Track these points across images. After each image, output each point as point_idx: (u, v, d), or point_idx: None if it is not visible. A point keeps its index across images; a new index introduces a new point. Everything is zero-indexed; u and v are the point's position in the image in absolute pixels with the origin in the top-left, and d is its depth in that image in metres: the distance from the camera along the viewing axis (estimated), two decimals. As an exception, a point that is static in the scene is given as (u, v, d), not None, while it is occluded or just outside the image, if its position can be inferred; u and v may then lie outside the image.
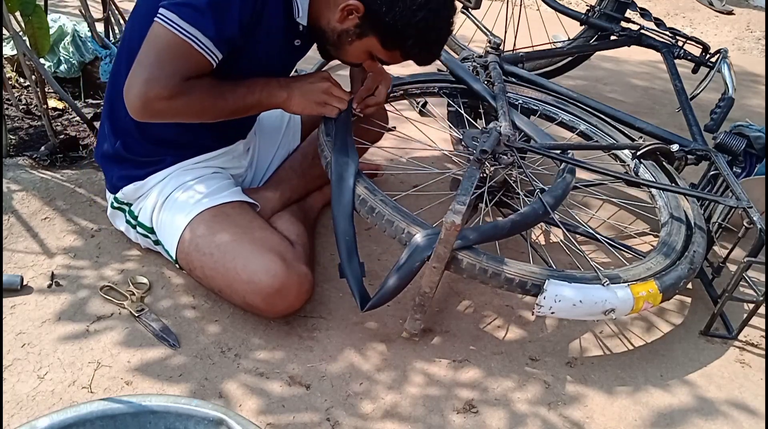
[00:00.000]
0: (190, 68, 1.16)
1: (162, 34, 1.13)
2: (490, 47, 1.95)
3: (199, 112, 1.23)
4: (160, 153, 1.36)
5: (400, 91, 1.72)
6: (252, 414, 1.11)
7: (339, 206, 1.25)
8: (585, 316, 1.22)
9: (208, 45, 1.14)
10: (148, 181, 1.36)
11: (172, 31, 1.12)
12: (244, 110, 1.30)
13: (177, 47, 1.13)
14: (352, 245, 1.23)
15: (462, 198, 1.20)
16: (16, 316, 1.24)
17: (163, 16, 1.12)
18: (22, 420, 1.04)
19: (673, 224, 1.47)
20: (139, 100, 1.14)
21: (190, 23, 1.12)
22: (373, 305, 1.22)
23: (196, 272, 1.30)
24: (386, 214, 1.22)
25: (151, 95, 1.14)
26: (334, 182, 1.28)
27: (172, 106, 1.17)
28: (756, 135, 1.78)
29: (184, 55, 1.14)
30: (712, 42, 3.84)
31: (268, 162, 1.60)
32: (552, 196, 1.33)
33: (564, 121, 1.84)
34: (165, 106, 1.16)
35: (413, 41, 1.22)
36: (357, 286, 1.22)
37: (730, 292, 1.37)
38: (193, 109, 1.21)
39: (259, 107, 1.33)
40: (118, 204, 1.41)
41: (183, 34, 1.12)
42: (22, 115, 1.89)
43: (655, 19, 2.15)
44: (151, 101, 1.14)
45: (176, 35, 1.12)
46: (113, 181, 1.40)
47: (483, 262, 1.17)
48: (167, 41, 1.13)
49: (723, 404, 1.26)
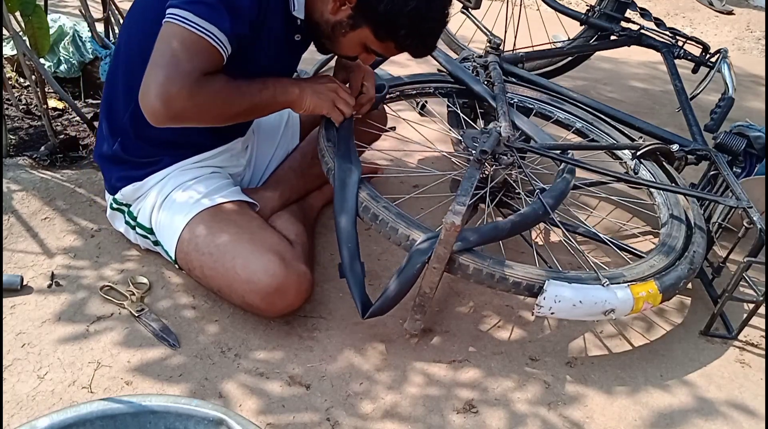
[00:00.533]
0: (206, 65, 1.15)
1: (177, 33, 1.12)
2: (489, 47, 1.95)
3: (219, 110, 1.21)
4: (157, 154, 1.36)
5: (396, 92, 1.72)
6: (252, 414, 1.11)
7: (342, 213, 1.25)
8: (585, 316, 1.22)
9: (223, 40, 1.14)
10: (146, 181, 1.36)
11: (188, 28, 1.11)
12: (260, 108, 1.29)
13: (194, 44, 1.12)
14: (355, 252, 1.22)
15: (462, 199, 1.20)
16: (16, 316, 1.24)
17: (175, 15, 1.12)
18: (22, 420, 1.04)
19: (673, 224, 1.47)
20: (159, 101, 1.11)
21: (205, 19, 1.11)
22: (375, 312, 1.21)
23: (195, 272, 1.30)
24: (390, 221, 1.22)
25: (171, 94, 1.11)
26: (337, 188, 1.28)
27: (194, 105, 1.14)
28: (756, 135, 1.78)
29: (202, 51, 1.13)
30: (712, 42, 3.84)
31: (266, 162, 1.60)
32: (552, 196, 1.33)
33: (560, 119, 1.83)
34: (185, 106, 1.13)
35: (406, 31, 1.22)
36: (359, 293, 1.21)
37: (730, 292, 1.37)
38: (213, 107, 1.19)
39: (273, 104, 1.31)
40: (117, 205, 1.42)
41: (199, 31, 1.11)
42: (22, 115, 1.89)
43: (655, 19, 2.15)
44: (173, 101, 1.11)
45: (192, 32, 1.11)
46: (112, 182, 1.40)
47: (483, 264, 1.17)
48: (183, 39, 1.12)
49: (723, 404, 1.26)
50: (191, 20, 1.11)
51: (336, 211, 1.26)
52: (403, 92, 1.73)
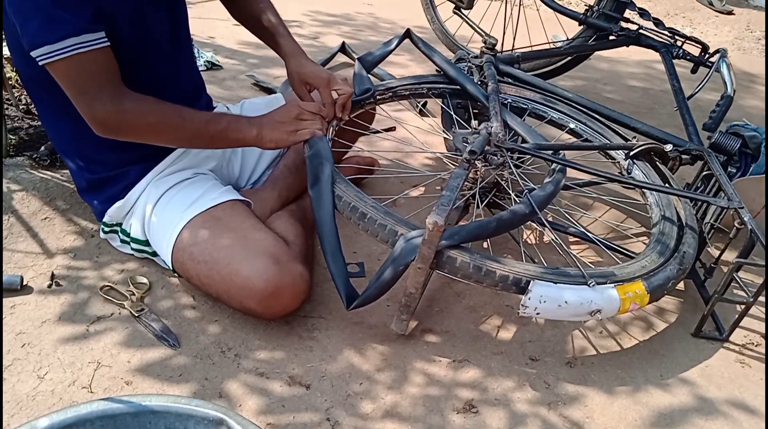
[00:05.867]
0: (101, 69, 1.15)
1: (58, 68, 1.12)
2: (485, 47, 1.95)
3: (157, 125, 1.23)
4: (122, 164, 1.36)
5: (389, 93, 1.71)
6: (252, 414, 1.11)
7: (320, 208, 1.25)
8: (571, 316, 1.21)
9: (88, 38, 1.12)
10: (128, 197, 1.36)
11: (60, 58, 1.10)
12: (208, 139, 1.30)
13: (76, 66, 1.12)
14: (336, 246, 1.23)
15: (446, 198, 1.20)
16: (16, 316, 1.24)
17: (40, 55, 1.10)
18: (22, 420, 1.04)
19: (664, 224, 1.46)
20: (96, 124, 1.19)
21: (59, 39, 1.09)
22: (359, 304, 1.21)
23: (193, 280, 1.30)
24: (369, 213, 1.22)
25: (99, 116, 1.18)
26: (310, 184, 1.28)
27: (126, 118, 1.20)
28: (751, 134, 1.77)
29: (85, 66, 1.13)
30: (712, 42, 3.85)
31: (255, 158, 1.58)
32: (540, 195, 1.32)
33: (553, 119, 1.83)
34: (119, 119, 1.19)
35: None
36: (343, 285, 1.22)
37: (720, 293, 1.37)
38: (148, 120, 1.22)
39: (225, 140, 1.32)
40: (108, 227, 1.42)
41: (67, 52, 1.10)
42: (22, 115, 1.89)
43: (654, 19, 2.15)
44: (105, 119, 1.18)
45: (64, 59, 1.10)
46: (99, 209, 1.40)
47: (469, 261, 1.17)
48: (67, 70, 1.12)
49: (723, 404, 1.27)
50: (55, 50, 1.09)
51: (314, 207, 1.26)
52: (396, 93, 1.73)
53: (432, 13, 2.84)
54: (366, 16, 3.65)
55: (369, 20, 3.57)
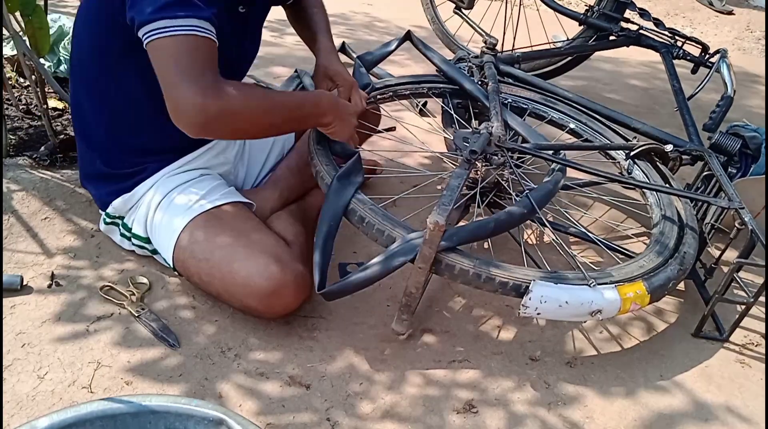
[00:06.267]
0: (209, 58, 1.11)
1: (167, 46, 1.07)
2: (485, 47, 1.95)
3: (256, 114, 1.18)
4: (142, 162, 1.35)
5: (389, 92, 1.71)
6: (252, 414, 1.11)
7: (330, 210, 1.26)
8: (571, 317, 1.21)
9: (207, 27, 1.10)
10: (135, 191, 1.36)
11: (173, 35, 1.07)
12: (296, 121, 1.30)
13: (187, 46, 1.08)
14: (333, 232, 1.24)
15: (447, 198, 1.20)
16: (16, 316, 1.24)
17: (153, 30, 1.07)
18: (22, 420, 1.04)
19: (664, 225, 1.46)
20: (195, 115, 1.08)
21: (182, 17, 1.07)
22: (332, 292, 1.19)
23: (193, 278, 1.30)
24: (376, 223, 1.22)
25: (200, 104, 1.07)
26: (338, 175, 1.29)
27: (228, 106, 1.10)
28: (751, 135, 1.77)
29: (197, 48, 1.09)
30: (712, 42, 3.85)
31: (262, 161, 1.59)
32: (539, 195, 1.32)
33: (554, 119, 1.83)
34: (220, 108, 1.09)
35: None
36: (321, 267, 1.20)
37: (721, 293, 1.37)
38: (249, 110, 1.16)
39: (304, 123, 1.35)
40: (110, 219, 1.41)
41: (184, 31, 1.07)
42: (22, 115, 1.89)
43: (654, 19, 2.15)
44: (206, 109, 1.07)
45: (179, 36, 1.07)
46: (102, 198, 1.40)
47: (468, 263, 1.17)
48: (176, 48, 1.07)
49: (723, 405, 1.27)
50: (171, 27, 1.07)
51: (329, 195, 1.27)
52: (396, 92, 1.73)
53: (432, 13, 2.84)
54: (366, 16, 3.65)
55: (368, 20, 3.57)
